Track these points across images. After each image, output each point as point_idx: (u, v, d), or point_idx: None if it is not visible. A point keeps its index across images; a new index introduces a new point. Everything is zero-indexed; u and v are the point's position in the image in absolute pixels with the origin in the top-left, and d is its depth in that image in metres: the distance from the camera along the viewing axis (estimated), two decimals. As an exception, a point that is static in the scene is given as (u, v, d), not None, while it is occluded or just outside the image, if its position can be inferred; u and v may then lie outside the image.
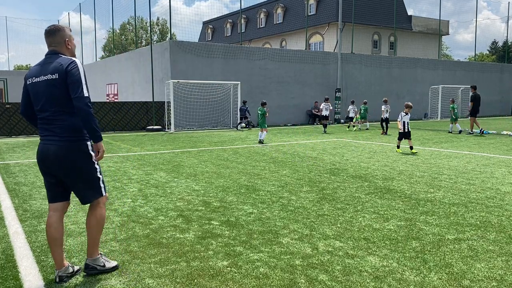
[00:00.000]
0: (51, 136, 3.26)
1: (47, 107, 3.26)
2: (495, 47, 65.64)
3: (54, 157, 3.24)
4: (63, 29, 3.41)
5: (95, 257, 3.46)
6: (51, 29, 3.38)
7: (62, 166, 3.26)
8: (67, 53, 3.41)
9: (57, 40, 3.37)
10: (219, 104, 21.51)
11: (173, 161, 9.71)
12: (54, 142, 3.24)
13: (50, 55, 3.35)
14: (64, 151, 3.24)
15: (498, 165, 8.94)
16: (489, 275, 3.41)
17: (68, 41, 3.41)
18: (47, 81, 3.24)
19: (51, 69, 3.24)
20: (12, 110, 17.09)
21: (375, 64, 27.57)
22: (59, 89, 3.22)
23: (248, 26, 47.63)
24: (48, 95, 3.24)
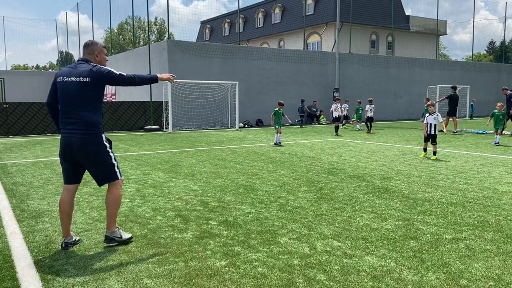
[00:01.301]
0: (73, 129, 3.86)
1: (72, 104, 3.84)
2: (492, 47, 65.81)
3: (76, 147, 3.85)
4: (95, 43, 4.12)
5: (113, 229, 4.09)
6: (86, 43, 4.12)
7: (82, 154, 3.87)
8: (95, 63, 4.03)
9: (88, 51, 4.06)
10: (217, 104, 21.50)
11: (171, 161, 9.70)
12: (75, 135, 3.84)
13: (81, 62, 4.00)
14: (84, 142, 3.84)
15: (496, 165, 8.97)
16: (486, 274, 3.42)
17: (97, 54, 4.07)
18: (78, 83, 3.83)
19: (83, 73, 3.85)
20: (10, 110, 17.04)
21: (373, 64, 27.60)
22: (88, 91, 3.84)
23: (246, 26, 47.61)
24: (76, 95, 3.83)
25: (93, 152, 3.88)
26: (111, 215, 4.07)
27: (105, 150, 3.96)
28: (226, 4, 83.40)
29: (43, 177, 7.70)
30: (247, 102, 22.58)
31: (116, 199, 4.04)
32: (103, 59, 4.11)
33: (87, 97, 3.85)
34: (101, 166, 3.96)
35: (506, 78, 34.60)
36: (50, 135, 17.44)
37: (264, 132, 18.31)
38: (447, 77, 30.92)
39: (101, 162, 3.95)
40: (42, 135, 17.42)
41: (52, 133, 17.68)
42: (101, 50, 4.10)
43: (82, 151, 3.85)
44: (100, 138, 3.94)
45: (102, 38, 57.01)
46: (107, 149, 3.98)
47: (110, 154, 4.00)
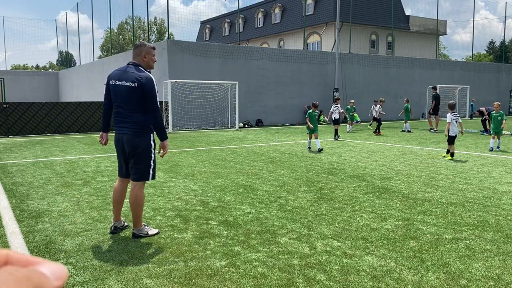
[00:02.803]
0: (125, 128, 4.24)
1: (123, 105, 4.23)
2: (492, 47, 65.82)
3: (127, 143, 4.25)
4: (144, 45, 4.37)
5: (139, 227, 4.34)
6: (136, 44, 4.42)
7: (132, 149, 4.24)
8: (143, 63, 4.33)
9: (136, 52, 4.33)
10: (217, 104, 21.49)
11: (171, 161, 9.70)
12: (127, 132, 4.23)
13: (131, 66, 4.30)
14: (134, 139, 4.21)
15: (496, 165, 8.97)
16: (486, 274, 3.42)
17: (144, 55, 4.32)
18: (128, 87, 4.18)
19: (132, 79, 4.18)
20: (10, 110, 17.03)
21: (373, 64, 27.60)
22: (136, 95, 4.18)
23: (246, 26, 47.60)
24: (126, 97, 4.20)
25: (137, 148, 4.22)
26: (136, 215, 4.33)
27: (149, 150, 4.31)
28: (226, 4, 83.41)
29: (43, 177, 7.70)
30: (247, 102, 22.57)
31: (139, 201, 4.30)
32: (150, 59, 4.37)
33: (139, 101, 4.19)
34: (141, 163, 4.27)
35: (506, 78, 34.61)
36: (50, 135, 17.44)
37: (264, 132, 18.31)
38: (447, 77, 30.92)
39: (143, 159, 4.26)
40: (42, 135, 17.42)
41: (52, 133, 17.68)
42: (148, 51, 4.36)
43: (128, 145, 4.23)
44: (148, 138, 4.31)
45: (102, 38, 57.05)
46: (151, 149, 4.33)
47: (152, 155, 4.34)
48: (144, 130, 4.25)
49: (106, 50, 52.33)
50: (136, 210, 4.30)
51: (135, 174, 4.29)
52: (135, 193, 4.28)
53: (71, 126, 18.21)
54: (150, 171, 4.33)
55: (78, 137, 16.46)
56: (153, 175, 4.38)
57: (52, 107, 17.83)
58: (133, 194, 4.29)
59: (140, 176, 4.29)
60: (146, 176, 4.32)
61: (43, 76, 38.91)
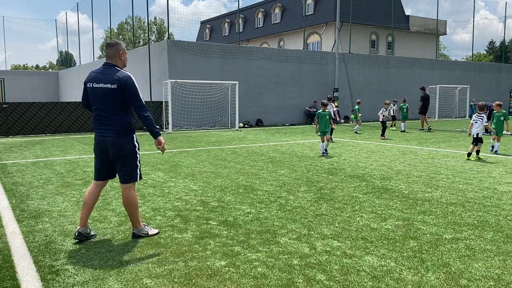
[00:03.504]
0: (106, 130, 4.13)
1: (103, 108, 4.12)
2: (492, 47, 65.83)
3: (110, 146, 4.13)
4: (119, 43, 4.25)
5: (139, 227, 4.33)
6: (110, 43, 4.24)
7: (115, 152, 4.13)
8: (120, 63, 4.23)
9: (113, 52, 4.19)
10: (217, 104, 21.50)
11: (171, 161, 9.70)
12: (109, 134, 4.12)
13: (107, 66, 4.17)
14: (117, 141, 4.11)
15: (495, 165, 8.97)
16: (486, 274, 3.42)
17: (121, 54, 4.22)
18: (107, 89, 4.06)
19: (111, 80, 4.06)
20: (10, 110, 17.03)
21: (373, 64, 27.59)
22: (116, 97, 4.07)
23: (246, 26, 47.61)
24: (105, 100, 4.09)
25: (122, 150, 4.14)
26: (131, 216, 4.31)
27: (134, 151, 4.23)
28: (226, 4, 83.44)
29: (43, 177, 7.70)
30: (247, 102, 22.57)
31: (132, 202, 4.26)
32: (126, 58, 4.31)
33: (118, 103, 4.10)
34: (127, 165, 4.20)
35: (506, 78, 34.60)
36: (50, 135, 17.44)
37: (264, 132, 18.31)
38: (447, 77, 30.91)
39: (128, 161, 4.19)
40: (42, 135, 17.42)
41: (52, 133, 17.68)
42: (124, 50, 4.27)
43: (111, 149, 4.13)
44: (131, 139, 4.21)
45: (102, 38, 57.04)
46: (136, 150, 4.25)
47: (137, 156, 4.27)
48: (126, 131, 4.18)
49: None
50: (132, 211, 4.28)
51: (124, 176, 4.22)
52: (127, 195, 4.23)
53: (71, 126, 18.21)
54: (138, 171, 4.29)
55: (78, 137, 16.46)
56: (140, 175, 4.33)
57: (52, 107, 17.83)
58: (125, 196, 4.25)
59: (129, 178, 4.23)
60: (134, 177, 4.26)
61: (43, 76, 38.91)
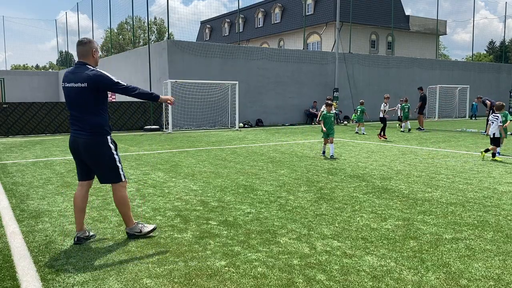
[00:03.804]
0: (79, 130, 4.02)
1: (76, 108, 4.01)
2: (492, 47, 65.83)
3: (82, 147, 4.03)
4: (91, 41, 4.13)
5: (131, 226, 4.28)
6: (82, 41, 4.10)
7: (87, 154, 4.03)
8: (93, 61, 4.11)
9: (86, 50, 4.07)
10: (217, 104, 21.49)
11: (171, 161, 9.70)
12: (81, 135, 4.01)
13: (79, 65, 4.05)
14: (89, 142, 4.00)
15: (495, 165, 8.97)
16: (486, 274, 3.42)
17: (94, 52, 4.11)
18: (78, 88, 3.96)
19: (81, 79, 3.95)
20: (10, 110, 17.03)
21: (373, 63, 27.60)
22: (87, 96, 3.96)
23: (246, 26, 47.61)
24: (77, 99, 3.98)
25: (96, 152, 4.03)
26: (123, 214, 4.26)
27: (109, 152, 4.10)
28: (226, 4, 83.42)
29: (43, 177, 7.70)
30: (247, 102, 22.57)
31: (121, 201, 4.20)
32: (98, 57, 4.20)
33: (91, 102, 3.98)
34: (105, 166, 4.10)
35: (506, 78, 34.61)
36: (50, 135, 17.44)
37: (264, 132, 18.31)
38: (447, 77, 30.92)
39: (104, 162, 4.08)
40: (42, 135, 17.42)
41: (52, 133, 17.67)
42: (96, 48, 4.17)
43: (85, 150, 4.02)
44: (105, 140, 4.08)
45: (102, 38, 57.05)
46: (112, 151, 4.12)
47: (114, 156, 4.14)
48: (100, 133, 4.05)
49: (106, 50, 52.31)
50: (123, 210, 4.23)
51: (108, 178, 4.15)
52: (117, 195, 4.19)
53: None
54: (120, 171, 4.17)
55: (78, 137, 16.43)
56: (123, 175, 4.22)
57: (52, 107, 17.82)
58: (116, 196, 4.20)
59: (109, 179, 4.14)
60: (118, 178, 4.16)
61: (43, 76, 38.90)
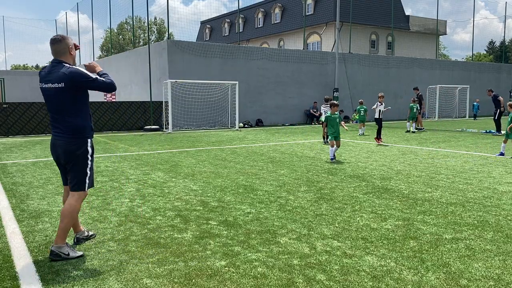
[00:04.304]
0: (59, 132, 3.86)
1: (55, 109, 3.82)
2: (492, 47, 65.84)
3: (61, 150, 3.85)
4: (67, 38, 3.92)
5: (60, 244, 3.80)
6: (57, 39, 3.87)
7: (66, 156, 3.85)
8: (70, 59, 3.91)
9: (62, 47, 3.85)
10: (217, 104, 21.50)
11: (171, 161, 9.70)
12: (61, 138, 3.84)
13: (55, 64, 3.83)
14: (68, 145, 3.82)
15: (495, 165, 8.97)
16: (486, 274, 3.42)
17: (71, 49, 3.90)
18: (55, 89, 3.76)
19: (58, 78, 3.75)
20: (9, 110, 17.03)
21: (373, 63, 27.60)
22: (64, 96, 3.76)
23: (246, 26, 47.61)
24: (55, 101, 3.79)
25: (73, 154, 3.82)
26: (63, 228, 3.81)
27: (86, 156, 3.88)
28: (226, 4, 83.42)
29: (43, 177, 7.70)
30: (247, 102, 22.57)
31: (71, 213, 3.84)
32: (75, 54, 3.99)
33: (69, 103, 3.77)
34: (77, 171, 3.86)
35: (506, 78, 34.61)
36: (50, 135, 17.42)
37: (264, 132, 18.30)
38: (447, 77, 30.92)
39: (79, 166, 3.85)
40: (42, 135, 17.42)
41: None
42: (73, 45, 3.94)
43: (63, 152, 3.83)
44: (85, 143, 3.88)
45: (102, 38, 57.04)
46: (88, 156, 3.90)
47: (88, 162, 3.91)
48: (79, 135, 3.83)
49: (106, 50, 52.31)
50: (65, 222, 3.82)
51: (71, 183, 3.88)
52: (70, 203, 3.84)
53: (71, 126, 18.19)
54: (86, 180, 3.90)
55: (78, 137, 16.43)
56: (89, 184, 3.94)
57: (52, 107, 17.81)
58: (67, 204, 3.85)
59: (75, 185, 3.86)
60: (82, 186, 3.88)
61: (43, 76, 38.86)
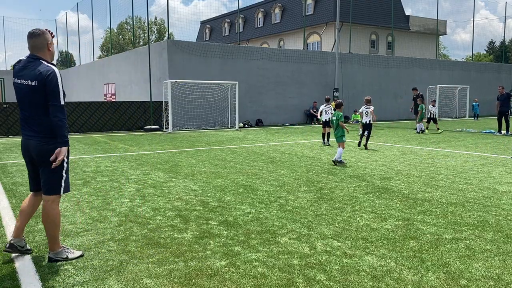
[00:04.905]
0: (31, 133, 3.64)
1: (27, 108, 3.62)
2: (492, 47, 65.84)
3: (34, 151, 3.65)
4: (46, 32, 3.69)
5: (56, 250, 3.72)
6: (35, 33, 3.63)
7: (40, 157, 3.64)
8: (48, 55, 3.70)
9: (40, 42, 3.64)
10: (217, 104, 21.50)
11: (171, 161, 9.70)
12: (33, 138, 3.63)
13: (31, 59, 3.62)
14: (41, 146, 3.61)
15: (495, 165, 8.97)
16: (486, 274, 3.42)
17: (49, 45, 3.70)
18: (27, 87, 3.57)
19: (32, 76, 3.54)
20: (10, 110, 17.03)
21: (372, 64, 27.60)
22: (38, 95, 3.55)
23: (246, 26, 47.61)
24: (28, 99, 3.60)
25: (46, 156, 3.60)
26: (51, 236, 3.70)
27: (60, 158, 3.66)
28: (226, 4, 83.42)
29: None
30: (247, 102, 22.57)
31: (52, 219, 3.67)
32: (54, 50, 3.78)
33: (43, 102, 3.56)
34: (51, 174, 3.65)
35: (506, 78, 34.62)
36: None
37: (264, 132, 18.30)
38: (447, 77, 30.92)
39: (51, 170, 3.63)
40: (42, 135, 17.40)
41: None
42: (51, 40, 3.73)
43: (36, 154, 3.63)
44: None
45: (102, 38, 57.04)
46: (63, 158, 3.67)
47: (64, 164, 3.69)
48: (52, 135, 3.61)
49: (106, 50, 52.33)
50: (51, 230, 3.67)
51: (45, 186, 3.67)
52: (47, 210, 3.65)
53: (71, 126, 18.20)
54: (62, 183, 3.70)
55: (78, 137, 16.45)
56: (65, 187, 3.74)
57: (52, 107, 17.80)
58: (45, 211, 3.66)
59: (50, 189, 3.66)
60: (57, 190, 3.68)
61: (43, 76, 38.86)
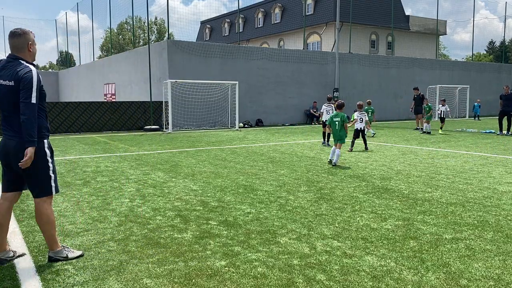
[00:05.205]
0: (11, 133, 3.56)
1: (7, 108, 3.56)
2: (492, 47, 65.84)
3: (13, 152, 3.55)
4: (27, 32, 3.65)
5: (55, 249, 3.73)
6: (16, 32, 3.60)
7: (18, 160, 3.52)
8: (29, 56, 3.66)
9: (21, 42, 3.60)
10: (217, 104, 21.50)
11: (171, 161, 9.70)
12: (13, 138, 3.55)
13: (11, 59, 3.59)
14: (22, 146, 3.50)
15: (496, 165, 8.97)
16: (486, 274, 3.42)
17: (30, 45, 3.65)
18: (5, 87, 3.52)
19: (9, 76, 3.51)
20: None
21: (373, 64, 27.60)
22: (16, 95, 3.49)
23: (246, 26, 47.61)
24: (7, 99, 3.53)
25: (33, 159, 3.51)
26: (48, 236, 3.70)
27: (45, 159, 3.63)
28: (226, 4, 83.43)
29: (43, 177, 7.69)
30: (247, 102, 22.57)
31: (46, 220, 3.66)
32: (35, 50, 3.73)
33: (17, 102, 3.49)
34: (37, 175, 3.60)
35: (506, 78, 34.61)
36: (49, 135, 17.42)
37: (264, 132, 18.31)
38: (447, 77, 30.92)
39: (38, 170, 3.59)
40: (42, 135, 17.40)
41: (52, 133, 17.66)
42: (33, 40, 3.69)
43: (17, 156, 3.53)
44: (41, 144, 3.60)
45: (102, 38, 57.06)
46: (47, 158, 3.65)
47: (49, 164, 3.66)
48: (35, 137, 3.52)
49: (106, 50, 52.33)
50: (47, 230, 3.68)
51: (34, 189, 3.63)
52: (40, 211, 3.63)
53: (71, 126, 18.22)
54: (52, 183, 3.68)
55: (78, 137, 16.46)
56: (56, 187, 3.72)
57: (52, 107, 17.82)
58: (38, 213, 3.64)
59: (40, 191, 3.63)
60: (48, 190, 3.65)
61: (43, 76, 38.34)
